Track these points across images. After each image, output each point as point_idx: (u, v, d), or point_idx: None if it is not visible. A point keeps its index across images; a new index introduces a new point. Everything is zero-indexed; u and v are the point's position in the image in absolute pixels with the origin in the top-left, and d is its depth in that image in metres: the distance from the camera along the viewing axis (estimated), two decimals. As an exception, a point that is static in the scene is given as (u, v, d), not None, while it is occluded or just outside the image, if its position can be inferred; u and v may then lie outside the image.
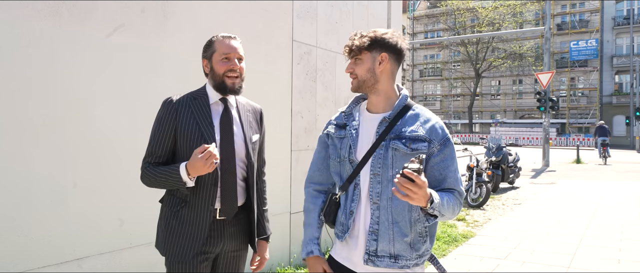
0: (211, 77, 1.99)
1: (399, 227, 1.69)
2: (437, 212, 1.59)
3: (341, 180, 1.81)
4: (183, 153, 1.93)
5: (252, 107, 2.17)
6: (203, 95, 2.01)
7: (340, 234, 1.79)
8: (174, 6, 3.29)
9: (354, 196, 1.75)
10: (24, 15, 2.52)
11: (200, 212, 1.93)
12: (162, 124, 1.95)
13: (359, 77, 1.75)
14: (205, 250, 1.95)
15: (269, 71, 4.17)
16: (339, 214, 1.81)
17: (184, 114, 1.94)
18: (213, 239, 1.96)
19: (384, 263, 1.70)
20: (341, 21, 5.08)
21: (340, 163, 1.80)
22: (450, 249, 5.48)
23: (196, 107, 1.96)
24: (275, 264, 4.30)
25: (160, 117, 1.97)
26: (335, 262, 1.84)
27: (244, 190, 2.04)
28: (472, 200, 8.51)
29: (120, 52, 2.97)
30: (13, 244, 2.49)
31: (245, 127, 2.05)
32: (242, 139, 2.03)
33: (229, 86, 1.95)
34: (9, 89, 2.48)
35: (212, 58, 1.97)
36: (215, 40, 1.99)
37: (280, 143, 4.33)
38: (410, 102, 1.79)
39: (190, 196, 1.93)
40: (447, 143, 1.72)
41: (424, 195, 1.50)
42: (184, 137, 1.92)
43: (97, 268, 2.85)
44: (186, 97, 1.99)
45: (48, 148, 2.63)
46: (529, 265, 4.87)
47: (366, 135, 1.77)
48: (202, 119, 1.94)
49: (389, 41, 1.74)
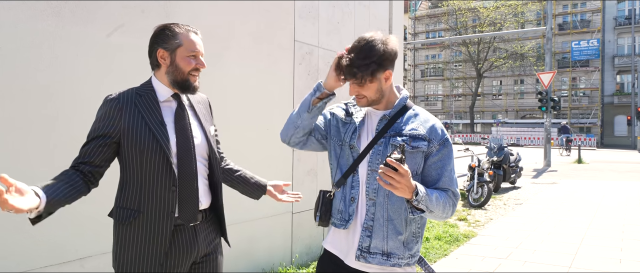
0: (170, 72, 1.79)
1: (394, 225, 1.69)
2: (423, 205, 1.58)
3: (340, 171, 1.79)
4: (130, 157, 1.73)
5: (200, 98, 1.98)
6: (149, 91, 1.81)
7: (339, 223, 1.77)
8: (176, 6, 3.30)
9: (353, 183, 1.74)
10: (27, 15, 2.52)
11: (158, 220, 1.72)
12: (104, 126, 1.72)
13: (369, 97, 1.72)
14: (177, 262, 1.76)
15: (270, 71, 4.18)
16: (335, 204, 1.80)
17: (130, 112, 1.73)
18: (185, 248, 1.78)
19: (376, 260, 1.69)
20: (343, 21, 5.09)
21: (341, 148, 1.80)
22: (452, 249, 5.49)
23: (143, 104, 1.76)
24: (277, 264, 4.31)
25: (101, 117, 1.74)
26: (328, 253, 1.84)
27: (208, 189, 1.88)
28: (473, 200, 8.51)
29: (123, 52, 2.98)
30: (16, 244, 2.50)
31: (202, 121, 1.89)
32: (203, 134, 1.87)
33: (193, 85, 1.81)
34: (12, 89, 2.49)
35: (176, 52, 1.78)
36: (180, 32, 1.79)
37: (281, 144, 4.32)
38: (410, 103, 1.81)
39: (144, 203, 1.72)
40: (446, 144, 1.73)
41: (408, 186, 1.51)
42: (131, 138, 1.71)
43: (99, 268, 2.85)
44: (129, 93, 1.79)
45: (50, 148, 2.63)
46: (530, 265, 4.87)
47: (367, 130, 1.79)
48: (151, 118, 1.74)
49: (390, 55, 1.69)
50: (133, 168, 1.74)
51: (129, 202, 1.75)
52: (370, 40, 1.66)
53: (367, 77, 1.66)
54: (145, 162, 1.72)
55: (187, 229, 1.79)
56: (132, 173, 1.75)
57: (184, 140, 1.78)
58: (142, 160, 1.72)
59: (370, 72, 1.65)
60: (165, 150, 1.72)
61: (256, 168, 2.30)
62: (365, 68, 1.64)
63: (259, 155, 3.95)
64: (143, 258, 1.72)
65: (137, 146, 1.71)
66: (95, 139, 1.73)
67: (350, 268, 1.75)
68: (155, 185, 1.72)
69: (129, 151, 1.73)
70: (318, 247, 4.79)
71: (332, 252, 1.82)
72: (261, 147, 3.99)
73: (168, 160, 1.73)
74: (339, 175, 1.80)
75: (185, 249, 1.78)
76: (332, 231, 1.84)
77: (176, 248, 1.76)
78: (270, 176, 2.34)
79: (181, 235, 1.78)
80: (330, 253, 1.83)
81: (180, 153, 1.76)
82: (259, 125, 4.01)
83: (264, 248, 4.14)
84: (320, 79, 4.79)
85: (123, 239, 1.74)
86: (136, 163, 1.73)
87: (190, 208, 1.78)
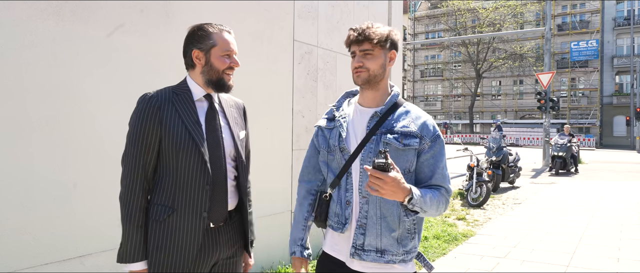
0: (205, 72, 1.81)
1: (387, 222, 1.70)
2: (418, 207, 1.59)
3: (333, 173, 1.80)
4: (166, 155, 1.74)
5: (234, 102, 2.02)
6: (185, 90, 1.82)
7: (337, 226, 1.78)
8: (176, 6, 3.32)
9: (348, 186, 1.76)
10: (27, 15, 2.54)
11: (191, 219, 1.74)
12: (144, 126, 1.72)
13: (371, 71, 1.72)
14: (200, 262, 1.78)
15: (270, 71, 4.19)
16: (332, 206, 1.81)
17: (168, 112, 1.73)
18: (208, 249, 1.79)
19: (370, 257, 1.70)
20: (342, 21, 5.11)
21: (330, 154, 1.80)
22: (451, 248, 5.50)
23: (180, 103, 1.77)
24: (276, 262, 4.32)
25: (140, 118, 1.73)
26: (328, 256, 1.85)
27: (236, 191, 1.90)
28: (472, 200, 8.52)
29: (123, 52, 2.99)
30: (17, 242, 2.51)
31: (231, 123, 1.91)
32: (230, 136, 1.88)
33: (228, 84, 1.84)
34: (12, 88, 2.50)
35: (211, 52, 1.81)
36: (214, 32, 1.82)
37: (281, 143, 4.35)
38: (401, 100, 1.80)
39: (178, 201, 1.74)
40: (438, 140, 1.73)
41: (395, 190, 1.50)
42: (168, 137, 1.72)
43: (99, 266, 2.87)
44: (166, 92, 1.79)
45: (50, 148, 2.65)
46: (528, 264, 4.89)
47: (357, 128, 1.78)
48: (188, 117, 1.76)
49: (397, 40, 1.77)
50: (169, 166, 1.75)
51: (163, 198, 1.75)
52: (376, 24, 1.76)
53: (381, 41, 1.70)
54: (181, 161, 1.73)
55: (211, 230, 1.80)
56: (167, 171, 1.76)
57: (215, 141, 1.80)
58: (178, 159, 1.73)
59: (385, 36, 1.70)
60: (201, 149, 1.74)
61: (255, 168, 2.31)
62: (380, 32, 1.70)
63: (258, 154, 3.95)
64: (176, 257, 1.73)
65: (174, 145, 1.72)
66: (139, 146, 1.73)
67: (351, 270, 1.76)
68: (189, 184, 1.74)
69: (166, 149, 1.74)
70: (317, 245, 4.80)
71: (333, 256, 1.83)
72: (260, 146, 4.01)
73: (203, 159, 1.74)
74: (332, 177, 1.80)
75: (208, 250, 1.80)
76: (330, 234, 1.85)
77: (204, 246, 1.78)
78: (269, 175, 2.36)
79: (206, 236, 1.79)
80: (330, 255, 1.84)
81: (211, 154, 1.78)
82: (259, 125, 4.02)
83: (263, 247, 4.16)
84: (319, 78, 4.81)
85: (157, 237, 1.75)
86: (172, 162, 1.74)
87: (220, 209, 1.80)
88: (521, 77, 42.30)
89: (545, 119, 17.58)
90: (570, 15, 40.46)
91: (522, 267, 4.81)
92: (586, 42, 35.85)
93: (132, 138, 1.74)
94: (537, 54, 39.31)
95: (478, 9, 40.15)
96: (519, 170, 11.59)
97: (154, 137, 1.72)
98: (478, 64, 41.49)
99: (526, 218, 7.44)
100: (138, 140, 1.72)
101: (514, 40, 40.91)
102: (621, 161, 20.48)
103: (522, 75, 42.02)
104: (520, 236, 6.17)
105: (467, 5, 41.18)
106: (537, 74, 18.02)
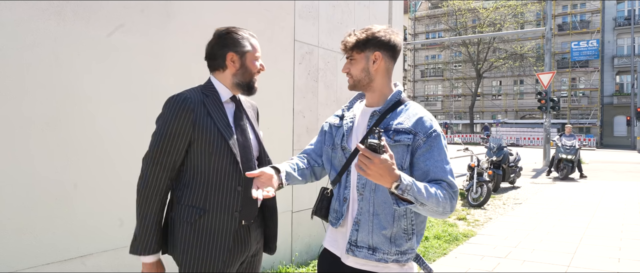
0: (239, 75, 1.85)
1: (379, 219, 1.70)
2: (410, 196, 1.51)
3: (335, 171, 1.84)
4: (197, 157, 1.74)
5: (250, 103, 2.09)
6: (213, 92, 1.84)
7: (335, 221, 1.81)
8: (177, 6, 3.32)
9: (347, 183, 1.78)
10: (28, 15, 2.54)
11: (224, 219, 1.75)
12: (176, 127, 1.71)
13: (354, 76, 1.77)
14: (231, 261, 1.79)
15: (270, 71, 4.17)
16: (333, 203, 1.84)
17: (201, 113, 1.74)
18: (239, 248, 1.81)
19: (362, 254, 1.71)
20: (343, 21, 5.10)
21: (333, 151, 1.85)
22: (451, 248, 5.50)
23: (210, 105, 1.78)
24: (278, 262, 4.32)
25: (172, 118, 1.71)
26: (328, 251, 1.87)
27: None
28: (473, 200, 8.52)
29: (124, 52, 2.99)
30: (18, 242, 2.51)
31: (254, 124, 1.98)
32: (255, 136, 1.94)
33: (255, 86, 1.90)
34: (13, 89, 2.50)
35: (246, 56, 1.85)
36: (247, 36, 1.87)
37: (281, 142, 4.35)
38: (404, 98, 1.79)
39: (210, 203, 1.74)
40: (434, 135, 1.68)
41: (382, 173, 1.46)
42: (202, 141, 1.72)
43: (100, 266, 2.87)
44: (196, 93, 1.79)
45: (50, 148, 2.65)
46: (529, 264, 4.89)
47: (359, 128, 1.82)
48: (219, 119, 1.77)
49: (382, 39, 1.74)
50: (199, 168, 1.76)
51: (194, 200, 1.75)
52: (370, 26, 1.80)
53: (358, 45, 1.74)
54: (213, 163, 1.74)
55: (242, 228, 1.82)
56: (197, 172, 1.76)
57: (245, 141, 1.84)
58: (211, 161, 1.74)
59: (355, 41, 1.74)
60: (234, 151, 1.76)
61: (256, 167, 2.32)
62: (357, 36, 1.74)
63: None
64: (208, 257, 1.74)
65: (207, 147, 1.73)
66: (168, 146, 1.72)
67: (348, 267, 1.77)
68: (221, 185, 1.75)
69: (197, 151, 1.74)
70: (318, 245, 4.80)
71: (331, 251, 1.86)
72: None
73: (236, 160, 1.76)
74: (334, 174, 1.84)
75: (240, 247, 1.82)
76: (330, 230, 1.88)
77: (234, 246, 1.80)
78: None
79: (238, 234, 1.81)
80: (329, 252, 1.87)
81: (241, 155, 1.80)
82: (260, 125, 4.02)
83: (264, 247, 4.16)
84: (320, 78, 4.81)
85: (188, 238, 1.75)
86: (203, 163, 1.74)
87: (251, 208, 1.82)
88: (521, 77, 42.29)
89: (546, 119, 17.56)
90: (570, 15, 40.45)
91: (522, 267, 4.81)
92: (587, 42, 35.86)
93: (160, 138, 1.72)
94: (538, 53, 39.30)
95: (478, 9, 40.15)
96: (520, 170, 11.59)
97: (185, 139, 1.72)
98: (478, 63, 41.49)
99: (527, 218, 7.44)
100: (168, 140, 1.72)
101: (514, 40, 40.90)
102: (622, 161, 20.47)
103: (522, 75, 42.02)
104: (521, 236, 6.17)
105: (467, 5, 41.18)
106: (537, 73, 18.01)
